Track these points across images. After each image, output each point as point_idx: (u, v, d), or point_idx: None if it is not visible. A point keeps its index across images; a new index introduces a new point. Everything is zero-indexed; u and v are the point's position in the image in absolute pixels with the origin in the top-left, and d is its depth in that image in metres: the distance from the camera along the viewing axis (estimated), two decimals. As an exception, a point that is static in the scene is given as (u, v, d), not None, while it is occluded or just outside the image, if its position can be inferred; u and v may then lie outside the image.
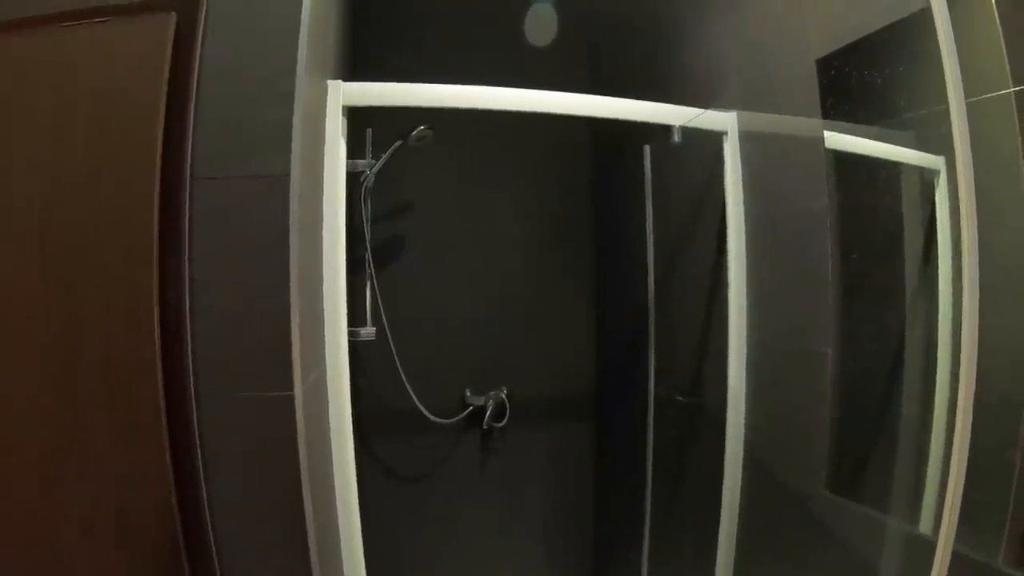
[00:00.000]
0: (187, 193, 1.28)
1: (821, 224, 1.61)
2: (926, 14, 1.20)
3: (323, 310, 1.60)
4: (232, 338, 1.28)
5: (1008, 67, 1.13)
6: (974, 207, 1.16)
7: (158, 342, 1.25)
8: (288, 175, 1.29)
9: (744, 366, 1.90)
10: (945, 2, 1.19)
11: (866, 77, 1.49)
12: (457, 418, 2.83)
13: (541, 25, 2.99)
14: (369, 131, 2.33)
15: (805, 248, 1.68)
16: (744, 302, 1.90)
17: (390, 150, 2.35)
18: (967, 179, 1.16)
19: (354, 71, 2.61)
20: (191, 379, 1.26)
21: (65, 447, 1.25)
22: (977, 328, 1.15)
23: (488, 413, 2.86)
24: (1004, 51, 1.14)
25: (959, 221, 1.17)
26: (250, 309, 1.28)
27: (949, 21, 1.18)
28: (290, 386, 1.27)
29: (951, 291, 1.26)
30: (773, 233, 1.82)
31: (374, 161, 2.35)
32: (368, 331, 2.29)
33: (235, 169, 1.30)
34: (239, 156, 1.31)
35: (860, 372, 1.60)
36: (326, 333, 1.61)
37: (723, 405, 1.93)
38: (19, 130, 1.28)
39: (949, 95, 1.18)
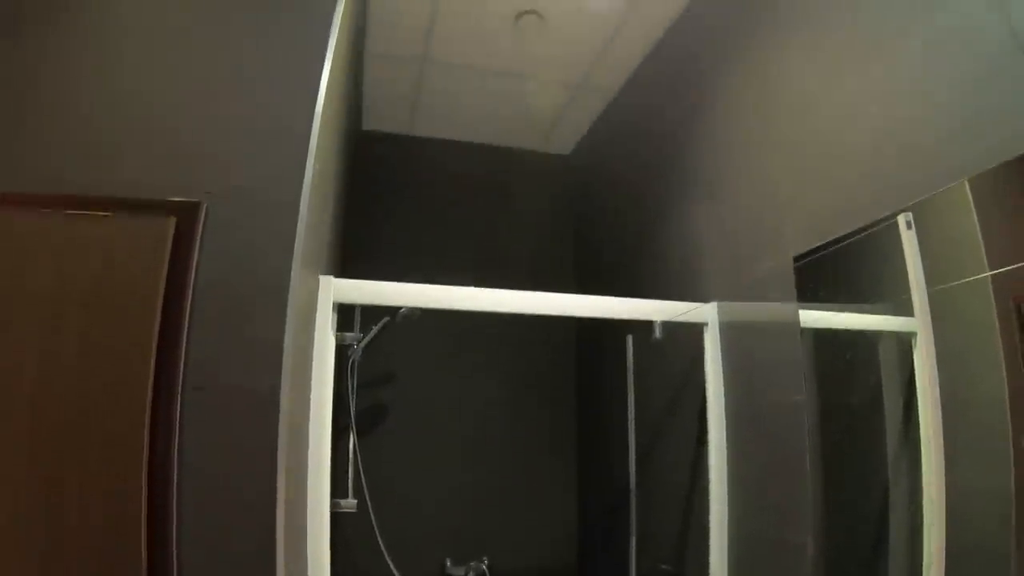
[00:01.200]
0: (179, 397, 1.30)
1: (799, 415, 1.65)
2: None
3: (307, 492, 1.60)
4: (218, 544, 1.27)
5: (984, 252, 1.21)
6: (939, 405, 1.26)
7: (144, 541, 1.24)
8: (279, 390, 1.31)
9: (725, 553, 1.90)
10: (911, 222, 1.32)
11: (841, 270, 1.58)
12: (437, 589, 2.77)
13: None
14: (358, 307, 2.38)
15: (784, 439, 1.71)
16: (725, 490, 1.91)
17: (378, 326, 2.40)
18: (931, 375, 1.26)
19: (347, 263, 2.71)
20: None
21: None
22: (944, 495, 1.21)
23: (468, 585, 2.79)
24: (980, 238, 1.22)
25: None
26: (237, 519, 1.28)
27: (915, 237, 1.31)
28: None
29: (933, 452, 1.30)
30: (753, 423, 1.86)
31: (362, 335, 2.40)
32: (349, 503, 2.28)
33: (227, 376, 1.32)
34: (232, 362, 1.34)
35: (846, 542, 1.58)
36: (309, 521, 1.60)
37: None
38: (16, 304, 1.30)
39: (915, 309, 1.31)
